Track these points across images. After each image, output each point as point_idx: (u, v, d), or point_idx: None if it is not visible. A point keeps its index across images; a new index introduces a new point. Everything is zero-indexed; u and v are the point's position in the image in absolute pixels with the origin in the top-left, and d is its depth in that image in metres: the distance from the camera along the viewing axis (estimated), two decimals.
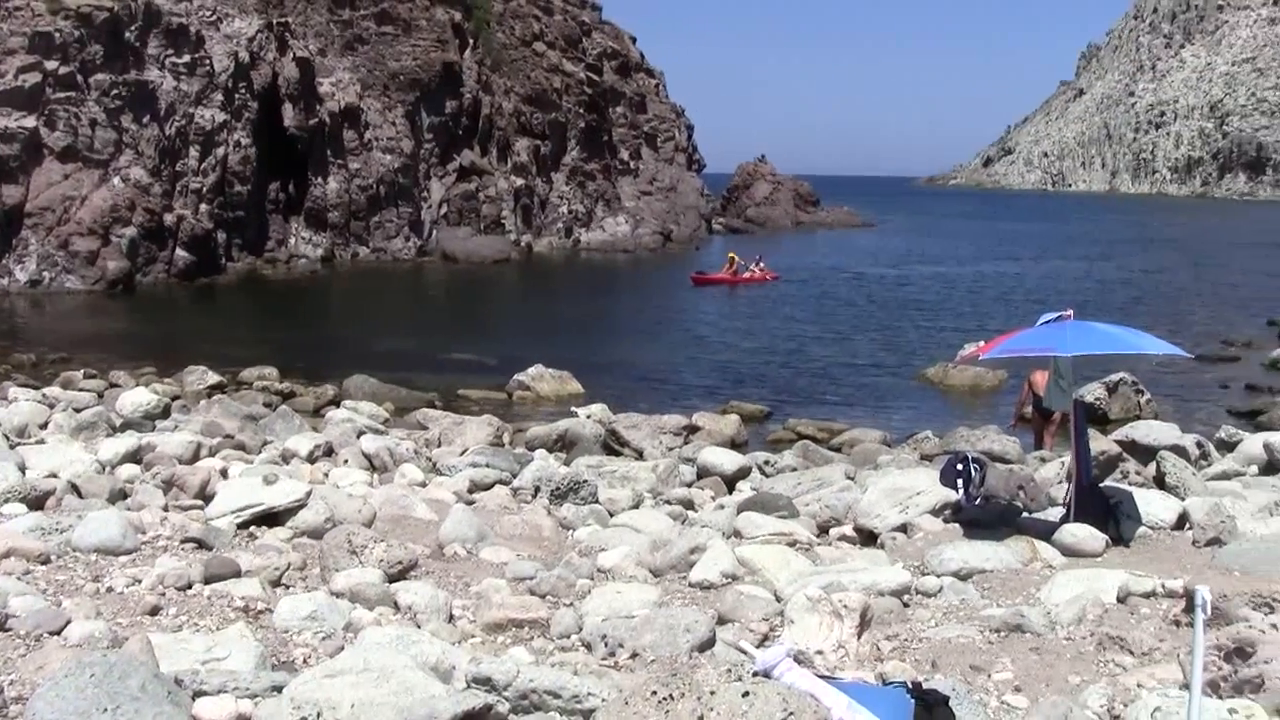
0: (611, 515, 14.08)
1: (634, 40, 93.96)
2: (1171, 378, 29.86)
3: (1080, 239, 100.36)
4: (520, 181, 69.83)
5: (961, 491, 12.97)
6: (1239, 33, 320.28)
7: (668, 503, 15.20)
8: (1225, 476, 17.08)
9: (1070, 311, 13.42)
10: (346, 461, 16.86)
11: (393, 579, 9.94)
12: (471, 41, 69.16)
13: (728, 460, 17.80)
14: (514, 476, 16.01)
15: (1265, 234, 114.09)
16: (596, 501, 14.66)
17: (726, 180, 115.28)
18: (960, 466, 13.03)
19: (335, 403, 24.14)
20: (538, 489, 15.00)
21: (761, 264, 56.72)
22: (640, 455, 19.88)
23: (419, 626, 8.69)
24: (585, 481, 15.06)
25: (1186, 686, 6.37)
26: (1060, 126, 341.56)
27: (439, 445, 19.46)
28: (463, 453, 18.06)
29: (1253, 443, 19.05)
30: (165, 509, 12.82)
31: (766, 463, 18.65)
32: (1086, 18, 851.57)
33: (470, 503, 14.26)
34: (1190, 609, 6.93)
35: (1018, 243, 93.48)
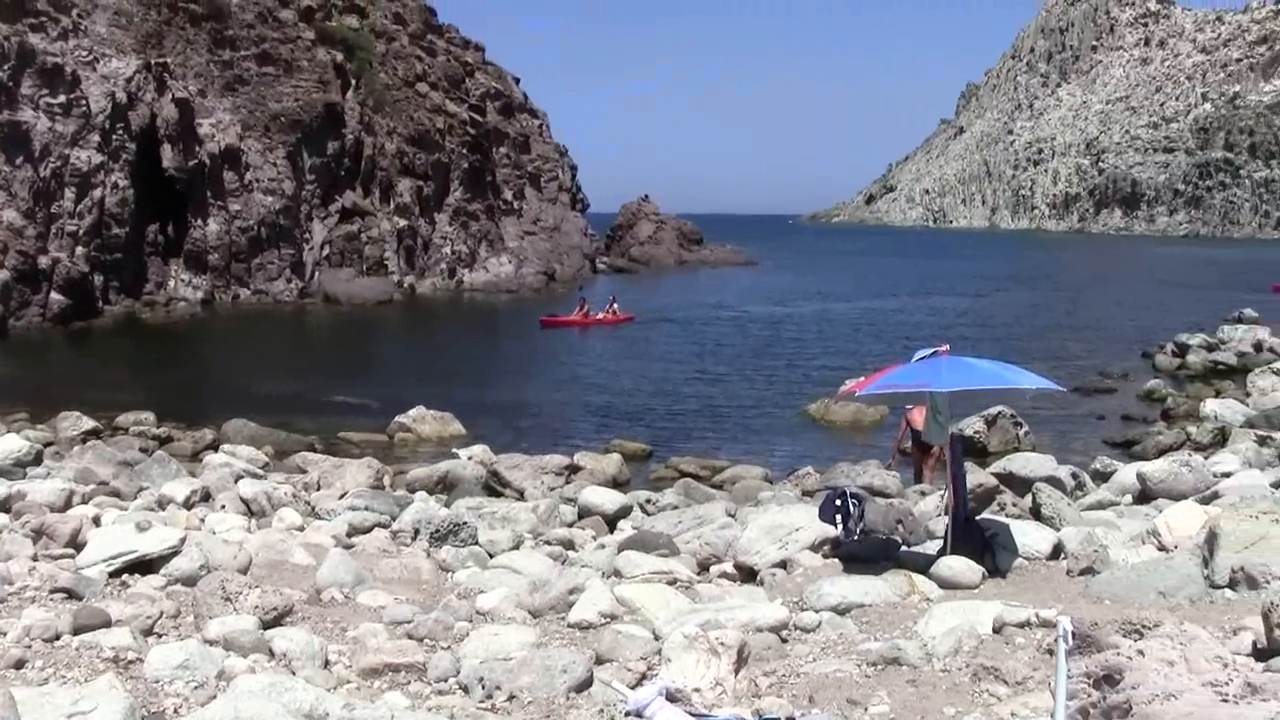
0: (491, 557, 14.02)
1: (517, 81, 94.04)
2: (1049, 410, 30.29)
3: (960, 275, 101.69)
4: (403, 222, 69.43)
5: (840, 527, 13.07)
6: (1113, 72, 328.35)
7: (548, 543, 15.17)
8: (1100, 506, 17.38)
9: (946, 347, 13.62)
10: (224, 507, 16.61)
11: (267, 625, 9.79)
12: (354, 82, 68.80)
13: (609, 500, 17.82)
14: (393, 519, 15.88)
15: (1140, 268, 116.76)
16: (476, 543, 14.57)
17: (611, 220, 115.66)
18: (839, 502, 13.13)
19: (214, 447, 23.81)
20: (417, 532, 14.89)
21: (615, 305, 56.65)
22: (521, 496, 19.84)
23: (293, 673, 8.57)
24: (465, 523, 14.97)
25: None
26: (941, 164, 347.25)
27: (318, 489, 19.23)
28: (342, 496, 17.88)
29: (1126, 473, 19.43)
30: (34, 558, 12.56)
31: (648, 501, 18.67)
32: (966, 57, 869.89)
33: (349, 547, 14.12)
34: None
35: (898, 279, 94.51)
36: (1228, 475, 18.47)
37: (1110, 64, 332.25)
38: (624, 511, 17.64)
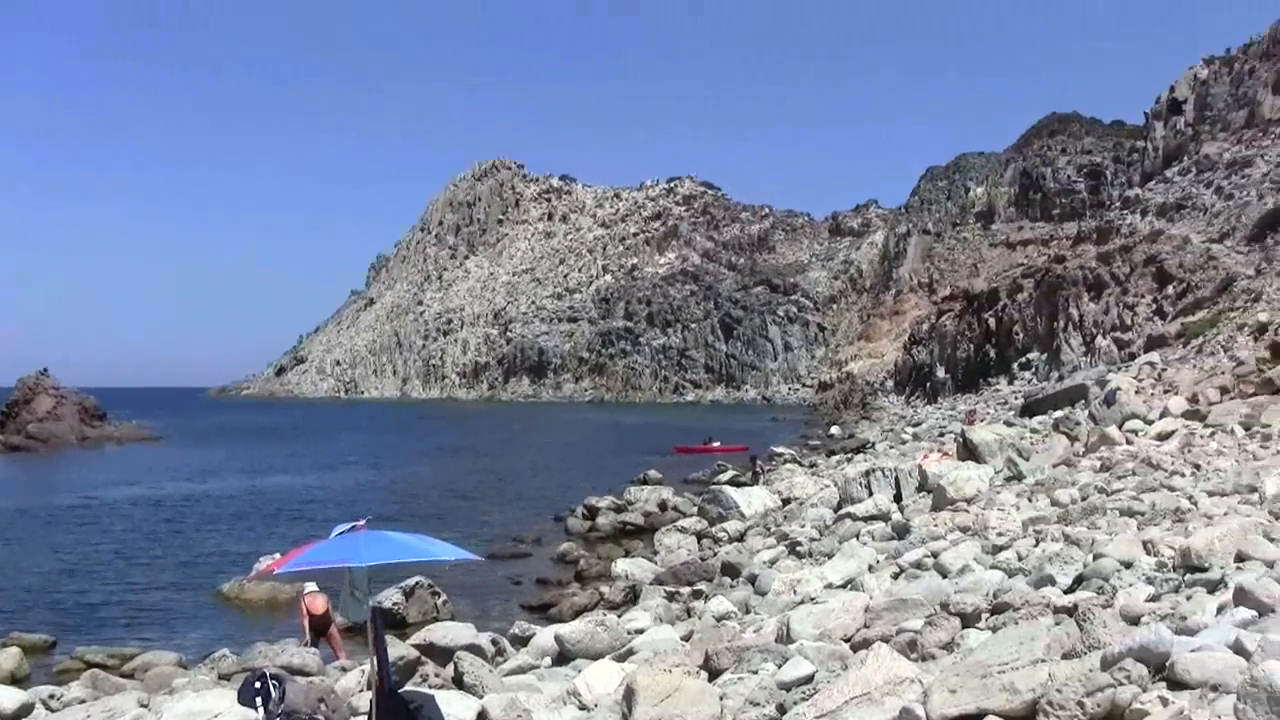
0: None
1: None
2: (467, 578, 30.63)
3: (375, 446, 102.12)
4: None
5: (261, 709, 12.60)
6: (518, 245, 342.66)
7: None
8: (521, 670, 17.61)
9: (363, 521, 13.46)
10: None
11: None
12: None
13: (6, 699, 16.47)
14: None
15: (549, 434, 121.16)
16: None
17: (6, 395, 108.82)
18: (259, 684, 12.67)
19: None
20: None
21: None
22: None
23: None
24: None
25: None
26: (352, 335, 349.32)
27: None
28: None
29: (545, 635, 19.85)
30: None
31: (51, 697, 17.42)
32: (376, 230, 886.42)
33: None
34: None
35: (313, 452, 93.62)
36: (640, 631, 19.20)
37: (516, 237, 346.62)
38: (25, 710, 16.37)
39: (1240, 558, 14.51)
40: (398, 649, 16.12)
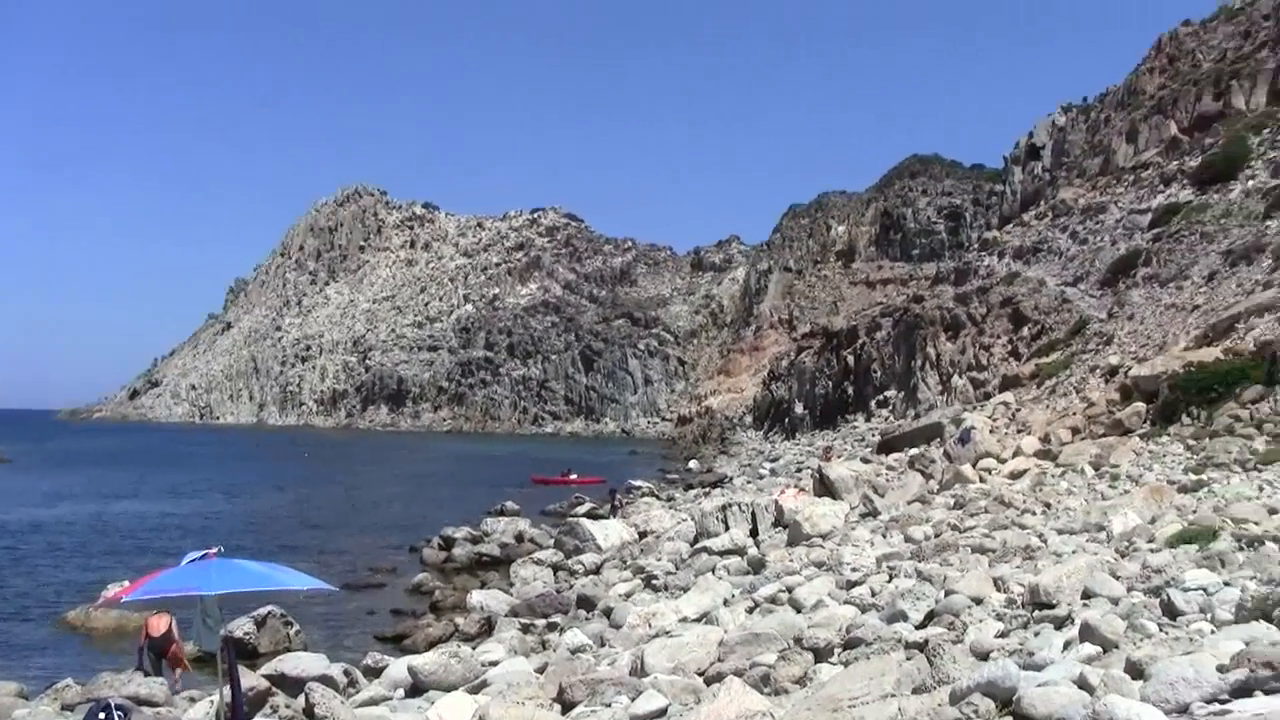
0: None
1: None
2: (321, 608, 30.32)
3: (231, 473, 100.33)
4: None
5: None
6: (380, 272, 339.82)
7: None
8: (374, 702, 17.48)
9: (215, 549, 13.33)
10: None
11: None
12: None
13: None
14: None
15: (407, 464, 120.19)
16: None
17: None
18: (104, 715, 12.43)
19: None
20: None
21: None
22: None
23: None
24: None
25: None
26: (209, 359, 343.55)
27: None
28: None
29: (398, 667, 19.72)
30: None
31: None
32: (237, 253, 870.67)
33: None
34: None
35: (167, 478, 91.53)
36: (495, 664, 19.17)
37: (378, 264, 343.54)
38: None
39: (1087, 595, 14.87)
40: (248, 679, 15.93)
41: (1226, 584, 14.27)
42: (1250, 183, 62.55)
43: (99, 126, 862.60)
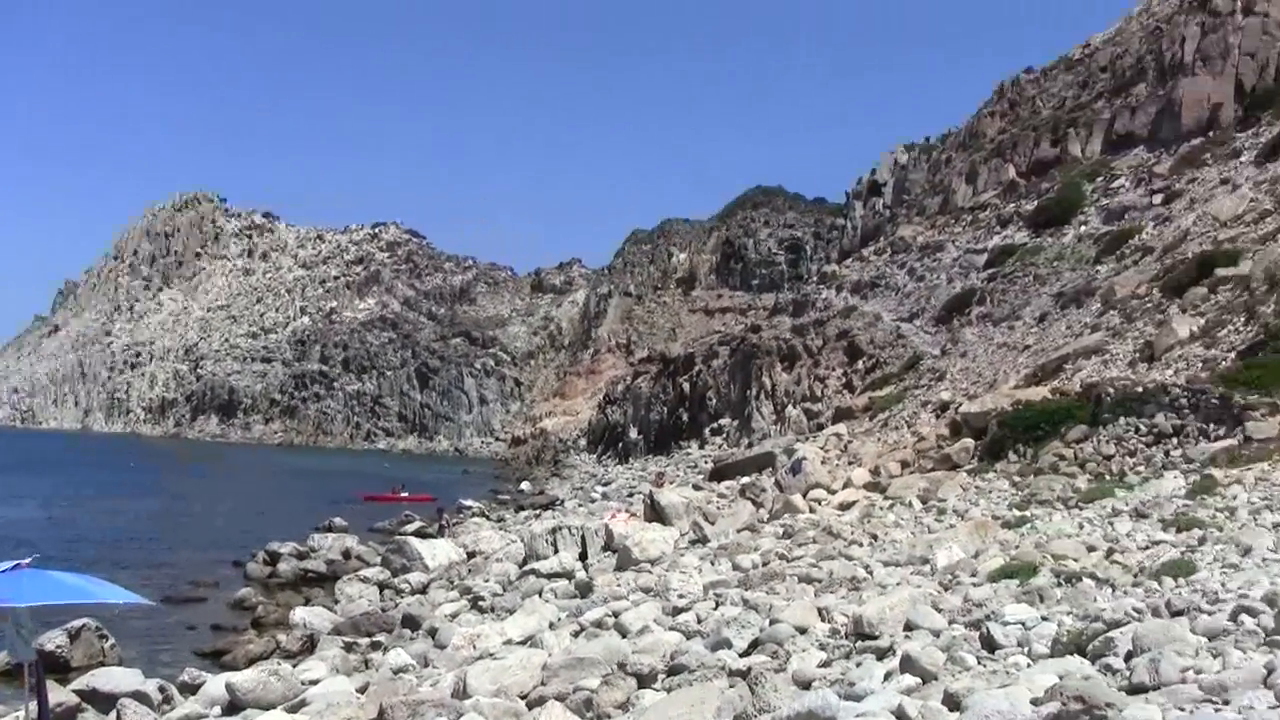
0: None
1: None
2: (139, 622, 29.69)
3: (50, 480, 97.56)
4: None
5: None
6: (216, 280, 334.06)
7: None
8: (189, 719, 17.20)
9: (28, 560, 13.04)
10: None
11: None
12: None
13: None
14: None
15: (237, 476, 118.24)
16: None
17: None
18: None
19: None
20: None
21: None
22: None
23: None
24: None
25: None
26: (33, 362, 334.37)
27: None
28: None
29: (216, 683, 19.42)
30: None
31: None
32: (66, 254, 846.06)
33: None
34: None
35: None
36: (315, 682, 18.98)
37: (214, 272, 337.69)
38: None
39: (909, 626, 15.19)
40: (57, 694, 15.58)
41: (1044, 619, 14.68)
42: (1083, 228, 64.55)
43: None
